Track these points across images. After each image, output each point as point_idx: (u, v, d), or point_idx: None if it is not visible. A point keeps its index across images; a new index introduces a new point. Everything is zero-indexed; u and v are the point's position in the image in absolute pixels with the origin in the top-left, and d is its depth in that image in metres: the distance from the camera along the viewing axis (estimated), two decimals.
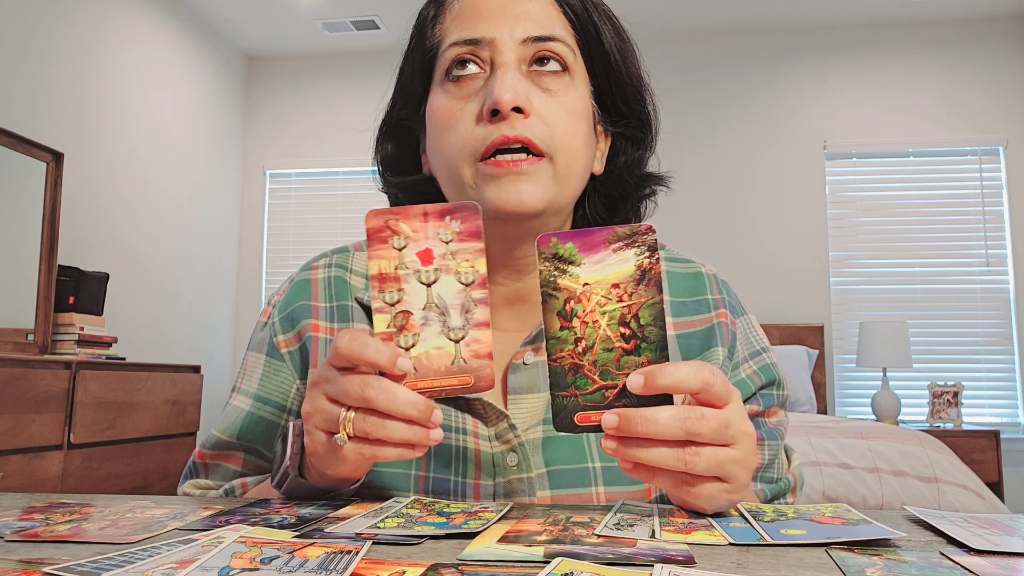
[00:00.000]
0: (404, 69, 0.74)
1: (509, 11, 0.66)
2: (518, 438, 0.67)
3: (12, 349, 2.77)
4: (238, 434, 0.74)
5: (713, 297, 0.76)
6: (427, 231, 0.53)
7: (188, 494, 0.74)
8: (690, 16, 4.26)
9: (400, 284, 0.53)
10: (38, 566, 0.40)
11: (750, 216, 4.26)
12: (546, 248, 0.52)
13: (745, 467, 0.52)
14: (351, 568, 0.40)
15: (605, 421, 0.50)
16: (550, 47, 0.66)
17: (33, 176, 2.97)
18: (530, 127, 0.64)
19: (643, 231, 0.51)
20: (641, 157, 0.75)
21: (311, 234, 4.62)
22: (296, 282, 0.77)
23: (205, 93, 4.32)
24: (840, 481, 2.24)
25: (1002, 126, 4.10)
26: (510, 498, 0.66)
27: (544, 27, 0.66)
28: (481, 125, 0.65)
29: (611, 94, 0.72)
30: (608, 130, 0.74)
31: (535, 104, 0.65)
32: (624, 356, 0.52)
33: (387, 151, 0.77)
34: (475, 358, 0.53)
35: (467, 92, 0.66)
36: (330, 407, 0.53)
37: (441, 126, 0.67)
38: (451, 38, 0.68)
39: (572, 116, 0.67)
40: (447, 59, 0.67)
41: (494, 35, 0.66)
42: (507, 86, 0.63)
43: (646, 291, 0.51)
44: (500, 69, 0.65)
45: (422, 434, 0.52)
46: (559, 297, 0.51)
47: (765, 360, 0.75)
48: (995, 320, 4.02)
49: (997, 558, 0.43)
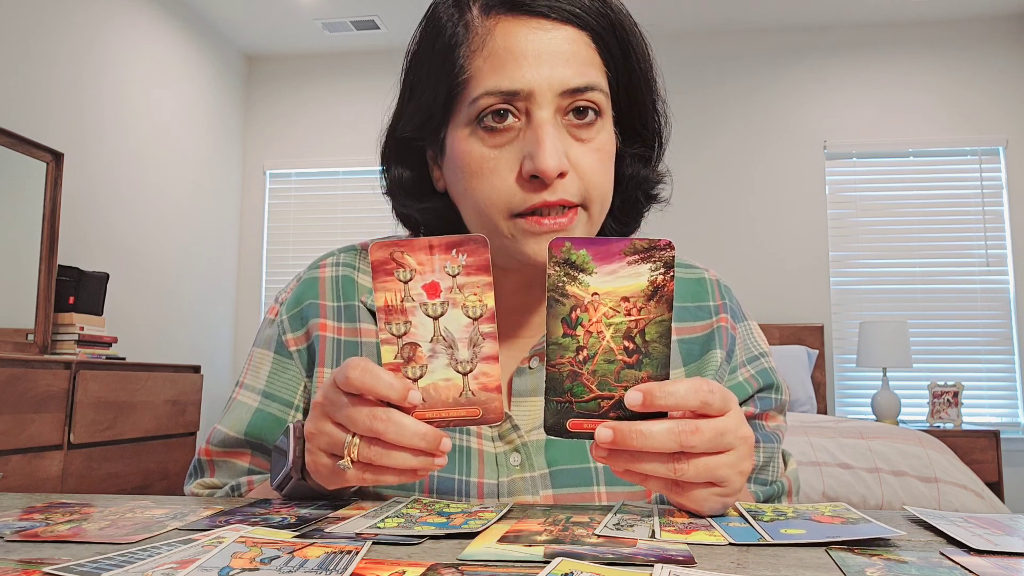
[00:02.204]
0: (419, 87, 0.69)
1: (546, 55, 0.64)
2: (521, 438, 0.68)
3: (12, 349, 2.77)
4: (246, 430, 0.74)
5: (715, 303, 0.77)
6: (433, 264, 0.52)
7: (196, 494, 0.75)
8: (690, 16, 4.27)
9: (407, 316, 0.53)
10: (38, 566, 0.40)
11: (750, 216, 4.26)
12: (558, 252, 0.51)
13: (739, 471, 0.52)
14: (351, 568, 0.40)
15: (600, 435, 0.50)
16: (588, 97, 0.65)
17: (33, 176, 2.97)
18: (569, 189, 0.64)
19: (662, 247, 0.50)
20: (648, 175, 0.74)
21: (311, 234, 4.62)
22: (304, 280, 0.78)
23: (205, 93, 4.32)
24: (840, 481, 2.24)
25: (1002, 126, 4.10)
26: (513, 497, 0.66)
27: (582, 74, 0.64)
28: (519, 184, 0.64)
29: (630, 118, 0.72)
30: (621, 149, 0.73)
31: (571, 158, 0.64)
32: (624, 369, 0.51)
33: (398, 175, 0.74)
34: (483, 391, 0.53)
35: (501, 141, 0.64)
36: (335, 431, 0.54)
37: (473, 173, 0.65)
38: (486, 84, 0.64)
39: (603, 160, 0.66)
40: (480, 106, 0.64)
41: (532, 86, 0.63)
42: (550, 151, 0.62)
43: (656, 308, 0.51)
44: (540, 129, 0.63)
45: (426, 462, 0.52)
46: (565, 304, 0.51)
47: (763, 364, 0.76)
48: (995, 320, 4.02)
49: (997, 558, 0.43)
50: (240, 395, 0.76)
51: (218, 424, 0.76)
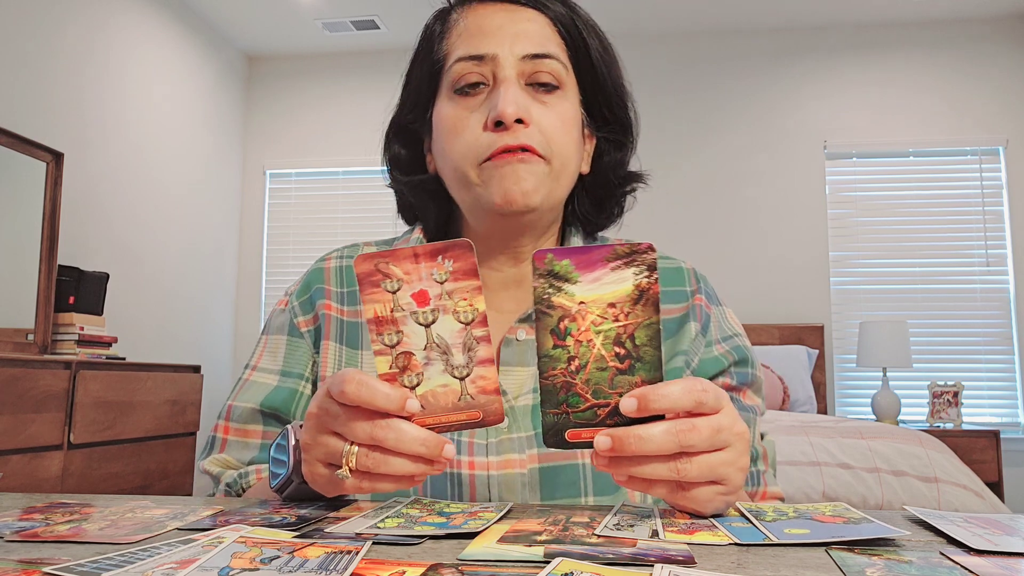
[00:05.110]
0: (411, 77, 0.80)
1: (508, 29, 0.73)
2: (509, 403, 0.72)
3: (12, 349, 2.77)
4: (262, 402, 0.78)
5: (691, 288, 0.81)
6: (420, 272, 0.52)
7: (208, 471, 0.78)
8: (690, 16, 4.26)
9: (398, 326, 0.52)
10: (38, 566, 0.40)
11: (750, 216, 4.26)
12: (542, 264, 0.50)
13: (738, 468, 0.53)
14: (351, 568, 0.40)
15: (598, 444, 0.50)
16: (545, 65, 0.73)
17: (33, 176, 2.97)
18: (530, 135, 0.71)
19: (643, 250, 0.50)
20: (623, 158, 0.82)
21: (311, 234, 4.62)
22: (311, 270, 0.84)
23: (205, 93, 4.32)
24: (840, 481, 2.24)
25: (1002, 126, 4.10)
26: (502, 455, 0.70)
27: (540, 45, 0.73)
28: (486, 133, 0.71)
29: (597, 103, 0.79)
30: (594, 134, 0.81)
31: (533, 115, 0.72)
32: (618, 376, 0.51)
33: (395, 152, 0.83)
34: (482, 394, 0.53)
35: (473, 104, 0.73)
36: (332, 441, 0.54)
37: (449, 132, 0.73)
38: (457, 53, 0.74)
39: (565, 124, 0.73)
40: (454, 73, 0.73)
41: (496, 52, 0.72)
42: (510, 100, 0.70)
43: (643, 311, 0.51)
44: (503, 84, 0.71)
45: (425, 468, 0.52)
46: (552, 315, 0.51)
47: (737, 342, 0.79)
48: (995, 320, 4.02)
49: (997, 558, 0.43)
50: (254, 376, 0.80)
51: (232, 401, 0.79)
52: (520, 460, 0.69)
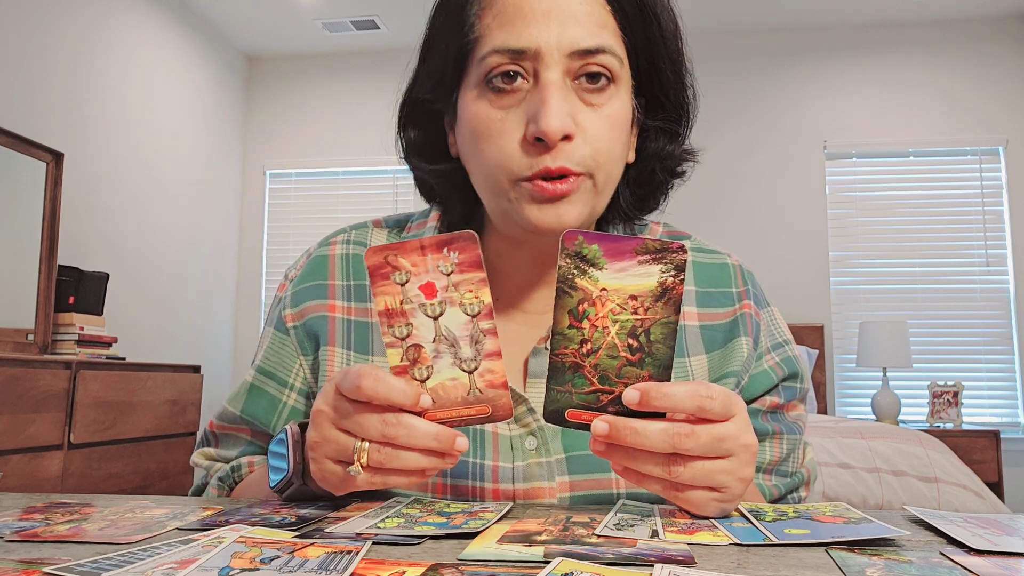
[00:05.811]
0: (433, 50, 0.68)
1: (555, 13, 0.61)
2: (537, 422, 0.66)
3: (12, 349, 2.77)
4: (242, 407, 0.75)
5: (738, 289, 0.75)
6: (426, 264, 0.52)
7: (197, 464, 0.76)
8: (690, 16, 4.23)
9: (408, 319, 0.53)
10: (38, 566, 0.40)
11: (750, 216, 4.26)
12: (571, 245, 0.51)
13: (739, 478, 0.52)
14: (351, 568, 0.40)
15: (596, 427, 0.50)
16: (599, 60, 0.62)
17: (33, 176, 2.97)
18: (573, 154, 0.61)
19: (674, 249, 0.50)
20: (675, 150, 0.72)
21: (311, 234, 4.62)
22: (313, 258, 0.77)
23: (205, 93, 4.32)
24: (840, 481, 2.24)
25: (1002, 126, 4.10)
26: (529, 482, 0.65)
27: (593, 35, 0.62)
28: (524, 148, 0.62)
29: (652, 89, 0.68)
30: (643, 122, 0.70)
31: (579, 122, 0.62)
32: (627, 366, 0.52)
33: (413, 136, 0.73)
34: (490, 388, 0.53)
35: (508, 102, 0.63)
36: (342, 438, 0.53)
37: (480, 134, 0.64)
38: (493, 42, 0.62)
39: (614, 128, 0.64)
40: (488, 65, 0.62)
41: (539, 45, 0.61)
42: (555, 113, 0.59)
43: (663, 309, 0.51)
44: (546, 89, 0.61)
45: (437, 462, 0.52)
46: (573, 296, 0.51)
47: (787, 352, 0.75)
48: (995, 320, 4.02)
49: (997, 558, 0.43)
50: (248, 375, 0.77)
51: (224, 401, 0.77)
52: (550, 488, 0.65)
